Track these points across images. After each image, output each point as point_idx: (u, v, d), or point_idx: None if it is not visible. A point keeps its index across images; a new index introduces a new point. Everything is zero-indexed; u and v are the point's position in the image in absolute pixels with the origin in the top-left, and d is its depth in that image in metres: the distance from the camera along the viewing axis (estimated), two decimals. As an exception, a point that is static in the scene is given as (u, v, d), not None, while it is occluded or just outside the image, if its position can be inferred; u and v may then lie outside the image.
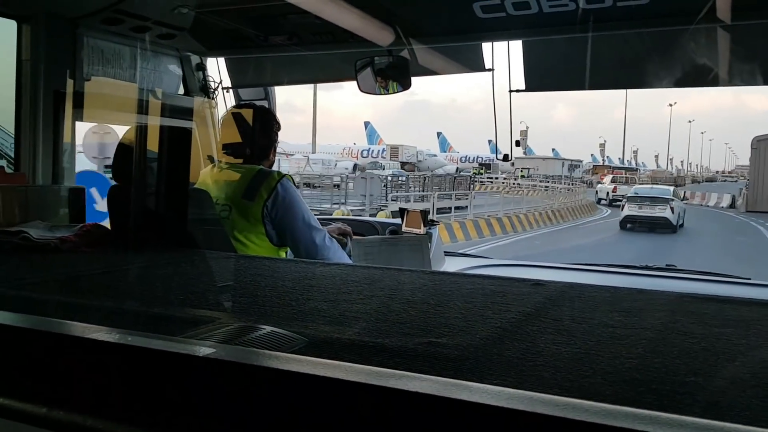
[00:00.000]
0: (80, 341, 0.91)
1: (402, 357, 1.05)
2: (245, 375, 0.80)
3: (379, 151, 75.01)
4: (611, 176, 50.64)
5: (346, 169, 52.69)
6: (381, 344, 1.11)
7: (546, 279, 1.78)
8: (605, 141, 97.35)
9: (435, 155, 79.18)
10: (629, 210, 25.06)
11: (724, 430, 0.66)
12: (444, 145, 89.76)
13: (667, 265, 3.74)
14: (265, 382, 0.78)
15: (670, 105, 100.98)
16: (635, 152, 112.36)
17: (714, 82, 2.70)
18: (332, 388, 0.75)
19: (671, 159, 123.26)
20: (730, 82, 2.71)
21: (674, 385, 0.94)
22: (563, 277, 3.36)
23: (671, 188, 31.49)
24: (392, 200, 23.18)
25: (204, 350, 0.85)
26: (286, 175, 2.87)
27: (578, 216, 30.11)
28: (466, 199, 25.11)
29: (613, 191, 40.89)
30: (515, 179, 51.18)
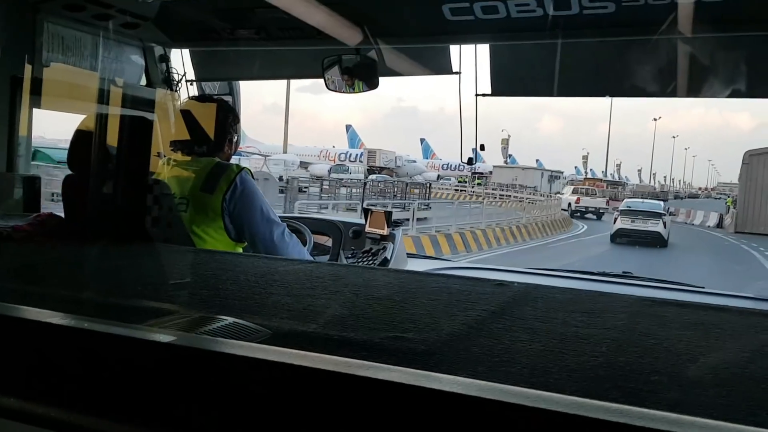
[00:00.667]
0: (34, 325, 0.87)
1: (368, 350, 1.04)
2: (210, 363, 0.78)
3: (357, 155, 72.21)
4: (573, 187, 51.06)
5: (307, 171, 51.90)
6: (346, 338, 1.10)
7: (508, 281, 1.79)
8: (588, 153, 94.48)
9: (414, 161, 76.59)
10: (622, 224, 24.53)
11: (695, 424, 0.67)
12: (427, 151, 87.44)
13: (623, 272, 3.80)
14: (230, 369, 0.76)
15: (655, 120, 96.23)
16: (618, 166, 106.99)
17: (676, 92, 2.75)
18: (300, 376, 0.73)
19: (654, 174, 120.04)
20: (692, 93, 2.77)
21: (638, 383, 0.94)
22: (524, 280, 3.39)
23: (661, 203, 30.83)
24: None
25: (164, 337, 0.83)
26: (245, 167, 2.83)
27: (549, 232, 26.31)
28: (424, 209, 22.53)
29: (576, 202, 40.80)
30: (472, 188, 50.81)
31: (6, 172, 2.79)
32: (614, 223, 25.56)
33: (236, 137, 3.08)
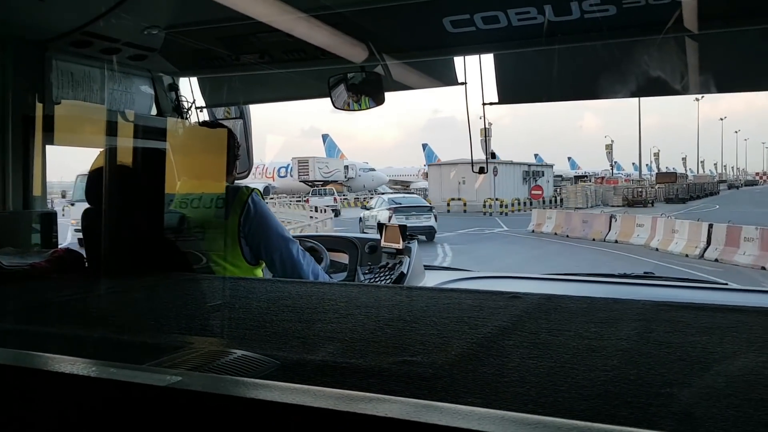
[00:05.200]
0: (41, 373, 0.88)
1: (376, 378, 1.04)
2: (211, 403, 0.78)
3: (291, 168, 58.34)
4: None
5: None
6: (354, 365, 1.10)
7: (525, 290, 1.78)
8: (612, 141, 76.51)
9: (373, 169, 63.13)
10: (398, 221, 23.98)
11: None
12: (431, 157, 79.41)
13: (645, 273, 3.76)
14: (233, 410, 0.76)
15: (697, 100, 77.42)
16: (656, 154, 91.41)
17: (684, 90, 2.73)
18: (300, 414, 0.73)
19: (702, 162, 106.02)
20: (700, 90, 2.74)
21: (649, 397, 0.93)
22: (543, 287, 3.36)
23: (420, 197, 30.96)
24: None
25: (169, 379, 0.83)
26: (255, 189, 2.84)
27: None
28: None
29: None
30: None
31: (23, 210, 2.83)
32: (388, 221, 23.73)
33: (239, 159, 3.10)
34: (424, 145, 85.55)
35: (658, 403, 0.91)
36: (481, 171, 3.52)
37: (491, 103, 3.19)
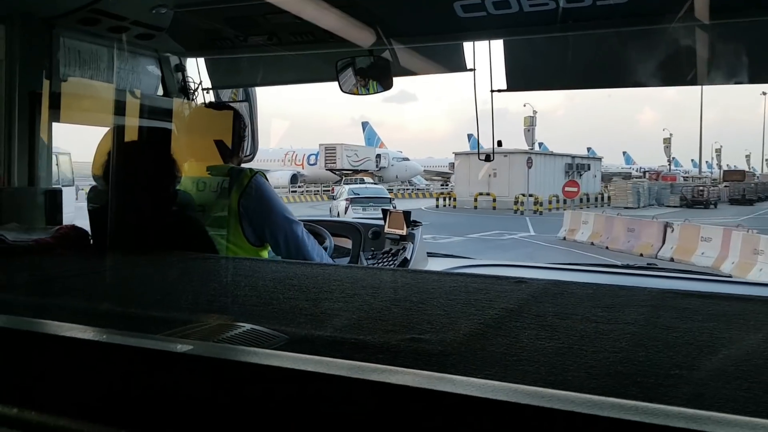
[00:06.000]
0: (54, 339, 0.88)
1: (384, 353, 1.04)
2: (224, 371, 0.78)
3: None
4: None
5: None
6: (363, 341, 1.10)
7: (528, 277, 1.78)
8: (671, 134, 67.74)
9: (407, 159, 58.92)
10: (354, 213, 21.79)
11: (711, 419, 0.65)
12: (475, 148, 78.05)
13: (648, 264, 3.76)
14: (245, 377, 0.76)
15: (764, 93, 67.29)
16: (718, 151, 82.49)
17: (695, 80, 2.72)
18: (314, 382, 0.73)
19: (767, 159, 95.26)
20: (711, 81, 2.73)
21: (658, 377, 0.93)
22: (545, 275, 3.37)
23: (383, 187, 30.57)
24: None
25: (181, 347, 0.83)
26: (259, 171, 2.83)
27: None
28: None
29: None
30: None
31: (28, 187, 2.83)
32: (345, 212, 22.20)
33: (246, 141, 3.10)
34: (470, 136, 76.53)
35: (668, 383, 0.91)
36: (487, 159, 3.50)
37: (500, 90, 3.18)
